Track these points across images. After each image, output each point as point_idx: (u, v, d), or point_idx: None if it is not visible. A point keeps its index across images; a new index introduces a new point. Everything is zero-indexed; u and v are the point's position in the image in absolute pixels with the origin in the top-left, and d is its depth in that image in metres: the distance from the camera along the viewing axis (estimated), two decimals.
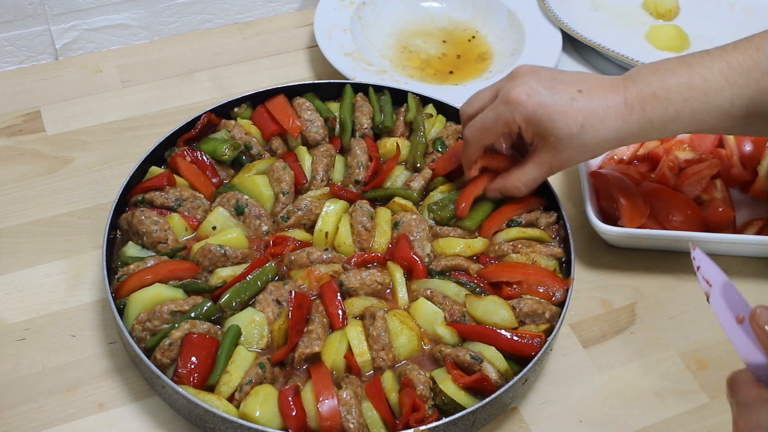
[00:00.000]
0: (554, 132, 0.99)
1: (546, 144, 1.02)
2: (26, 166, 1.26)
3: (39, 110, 1.34)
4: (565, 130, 0.98)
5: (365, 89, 1.28)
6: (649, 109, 0.98)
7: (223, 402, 0.94)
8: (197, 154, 1.18)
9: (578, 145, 0.99)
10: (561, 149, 1.01)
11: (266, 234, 1.12)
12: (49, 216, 1.20)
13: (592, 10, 1.54)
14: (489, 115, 1.03)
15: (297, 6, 1.55)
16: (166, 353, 0.97)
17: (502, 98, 1.01)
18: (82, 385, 1.03)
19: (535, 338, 1.00)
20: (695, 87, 0.97)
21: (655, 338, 1.12)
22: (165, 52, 1.45)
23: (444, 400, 0.97)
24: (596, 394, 1.06)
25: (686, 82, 0.97)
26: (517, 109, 0.99)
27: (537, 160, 1.05)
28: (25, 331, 1.08)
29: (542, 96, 0.98)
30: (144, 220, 1.08)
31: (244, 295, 1.04)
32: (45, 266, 1.14)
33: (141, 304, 1.00)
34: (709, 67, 0.97)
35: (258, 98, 1.25)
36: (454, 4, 1.55)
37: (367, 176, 1.19)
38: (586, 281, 1.17)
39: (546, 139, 1.01)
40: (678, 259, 1.20)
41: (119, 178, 1.22)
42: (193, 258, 1.08)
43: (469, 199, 1.12)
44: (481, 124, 1.04)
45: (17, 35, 1.37)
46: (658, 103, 0.97)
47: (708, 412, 1.05)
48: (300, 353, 0.99)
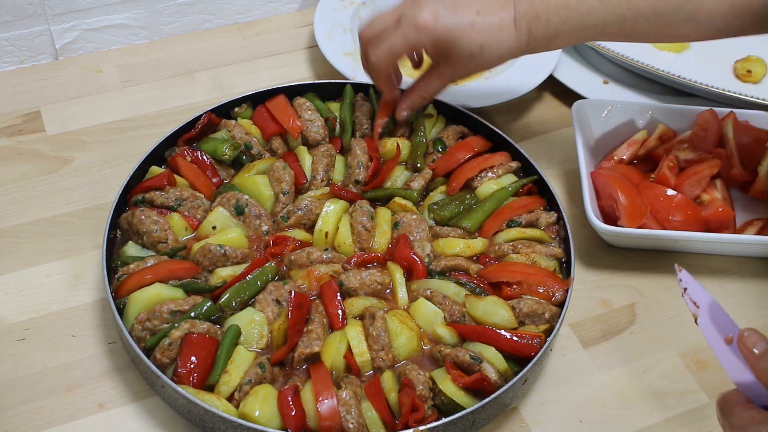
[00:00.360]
0: (457, 52, 1.07)
1: (448, 60, 1.10)
2: (26, 166, 1.26)
3: (39, 110, 1.34)
4: (467, 50, 1.07)
5: (365, 89, 1.28)
6: (533, 28, 1.07)
7: (223, 402, 0.94)
8: (197, 153, 1.18)
9: (477, 62, 1.09)
10: (462, 65, 1.10)
11: (266, 234, 1.12)
12: (49, 216, 1.20)
13: None
14: (397, 40, 1.09)
15: (297, 6, 1.55)
16: (165, 353, 0.97)
17: (410, 23, 1.07)
18: (82, 385, 1.03)
19: (534, 338, 1.00)
20: (571, 7, 1.05)
21: (655, 338, 1.12)
22: (165, 52, 1.45)
23: (443, 400, 0.97)
24: (596, 394, 1.06)
25: (563, 2, 1.05)
26: (424, 33, 1.07)
27: (439, 73, 1.13)
28: (25, 331, 1.08)
29: (447, 19, 1.06)
30: (144, 219, 1.08)
31: (243, 294, 1.04)
32: (45, 266, 1.14)
33: (141, 303, 1.00)
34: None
35: (258, 98, 1.25)
36: None
37: (367, 176, 1.19)
38: (586, 281, 1.17)
39: (448, 57, 1.09)
40: (678, 259, 1.20)
41: (119, 178, 1.22)
42: (193, 258, 1.08)
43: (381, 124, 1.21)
44: (389, 49, 1.10)
45: (17, 35, 1.37)
46: (540, 23, 1.06)
47: (708, 412, 1.05)
48: (300, 353, 0.99)
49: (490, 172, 1.19)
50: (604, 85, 1.42)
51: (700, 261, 1.20)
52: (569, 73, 1.43)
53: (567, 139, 1.36)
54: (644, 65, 1.37)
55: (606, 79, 1.43)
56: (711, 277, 1.18)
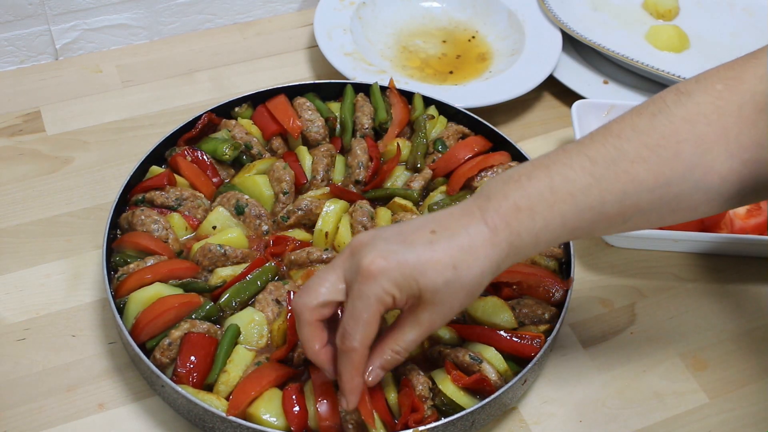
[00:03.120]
0: (428, 286, 0.81)
1: (421, 302, 0.83)
2: (26, 166, 1.26)
3: (39, 110, 1.34)
4: (438, 278, 0.81)
5: (366, 89, 1.28)
6: (515, 223, 0.82)
7: (222, 401, 0.94)
8: (198, 153, 1.18)
9: (456, 289, 0.82)
10: (439, 301, 0.83)
11: (266, 234, 1.12)
12: (49, 216, 1.20)
13: (592, 10, 1.54)
14: (357, 305, 0.82)
15: (297, 6, 1.55)
16: (165, 353, 0.97)
17: (360, 277, 0.81)
18: (82, 385, 1.03)
19: (534, 339, 1.00)
20: (558, 190, 0.82)
21: (655, 338, 1.12)
22: (165, 52, 1.45)
23: (443, 400, 0.97)
24: (596, 394, 1.06)
25: (547, 185, 0.82)
26: (382, 279, 0.81)
27: (414, 320, 0.85)
28: (25, 331, 1.08)
29: (398, 253, 0.81)
30: (144, 219, 1.08)
31: (243, 294, 1.04)
32: (45, 266, 1.14)
33: (140, 303, 1.00)
34: (568, 165, 0.83)
35: (259, 98, 1.25)
36: (454, 4, 1.55)
37: (367, 176, 1.19)
38: (586, 281, 1.17)
39: (420, 297, 0.83)
40: (678, 259, 1.20)
41: (119, 178, 1.22)
42: (193, 257, 1.08)
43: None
44: (358, 322, 0.82)
45: (17, 35, 1.37)
46: (523, 215, 0.82)
47: (708, 412, 1.05)
48: (299, 353, 0.99)
49: (490, 171, 1.19)
50: (604, 85, 1.42)
51: (700, 261, 1.20)
52: (569, 73, 1.43)
53: (567, 139, 1.36)
54: (644, 65, 1.37)
55: (606, 79, 1.43)
56: (711, 277, 1.18)
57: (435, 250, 0.81)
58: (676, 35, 1.49)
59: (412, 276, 0.81)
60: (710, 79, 0.86)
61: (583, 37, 1.41)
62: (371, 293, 0.81)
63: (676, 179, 0.84)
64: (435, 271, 0.81)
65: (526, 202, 0.82)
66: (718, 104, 0.84)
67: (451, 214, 0.84)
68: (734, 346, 1.11)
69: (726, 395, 1.06)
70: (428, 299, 0.83)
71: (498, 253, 0.83)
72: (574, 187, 0.83)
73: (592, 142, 0.85)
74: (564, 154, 0.85)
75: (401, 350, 0.87)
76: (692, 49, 1.49)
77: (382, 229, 0.86)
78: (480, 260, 0.82)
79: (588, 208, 0.83)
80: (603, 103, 1.29)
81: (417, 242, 0.82)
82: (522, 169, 0.85)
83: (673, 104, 0.85)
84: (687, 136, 0.83)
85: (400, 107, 1.26)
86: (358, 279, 0.82)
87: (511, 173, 0.85)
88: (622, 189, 0.83)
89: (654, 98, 0.87)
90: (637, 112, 0.86)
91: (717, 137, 0.84)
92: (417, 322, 0.85)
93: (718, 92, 0.85)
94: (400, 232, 0.83)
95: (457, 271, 0.81)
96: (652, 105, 0.86)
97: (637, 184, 0.83)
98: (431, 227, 0.83)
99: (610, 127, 0.86)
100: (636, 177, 0.83)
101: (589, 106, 1.28)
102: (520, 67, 1.40)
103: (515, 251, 0.84)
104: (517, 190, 0.83)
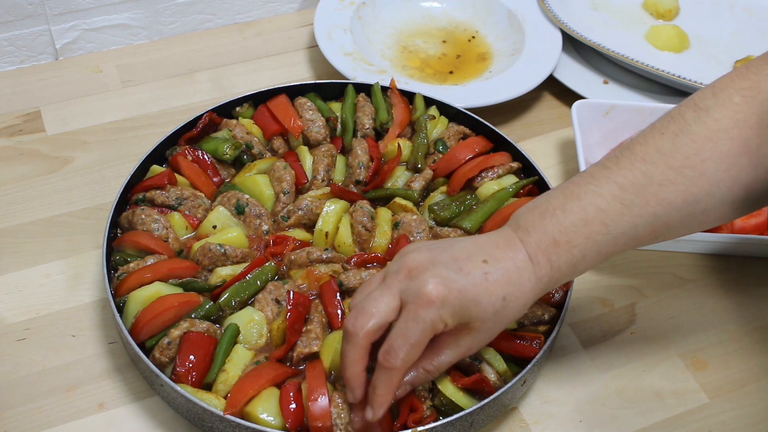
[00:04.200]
0: (480, 315, 0.85)
1: (468, 327, 0.87)
2: (26, 166, 1.26)
3: (39, 110, 1.34)
4: (490, 309, 0.85)
5: (367, 89, 1.28)
6: (554, 258, 0.86)
7: (221, 400, 0.94)
8: (198, 153, 1.18)
9: (501, 318, 0.87)
10: (483, 329, 0.87)
11: (266, 233, 1.12)
12: (49, 216, 1.20)
13: (592, 10, 1.54)
14: (410, 327, 0.84)
15: (297, 6, 1.55)
16: (164, 352, 0.97)
17: (420, 300, 0.83)
18: (82, 385, 1.03)
19: (534, 340, 1.00)
20: (592, 221, 0.86)
21: (655, 338, 1.12)
22: (165, 52, 1.45)
23: (443, 400, 0.96)
24: (596, 394, 1.06)
25: (581, 218, 0.86)
26: (442, 308, 0.83)
27: (453, 343, 0.88)
28: (25, 331, 1.08)
29: (459, 282, 0.84)
30: (145, 218, 1.08)
31: (243, 294, 1.04)
32: (45, 266, 1.14)
33: (140, 302, 1.00)
34: (599, 194, 0.86)
35: (260, 98, 1.26)
36: (454, 4, 1.55)
37: (367, 176, 1.19)
38: (586, 281, 1.17)
39: (468, 324, 0.86)
40: (678, 259, 1.20)
41: (119, 177, 1.22)
42: (193, 257, 1.08)
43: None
44: (407, 343, 0.84)
45: (17, 35, 1.37)
46: (561, 249, 0.86)
47: (708, 412, 1.05)
48: (298, 353, 0.99)
49: (491, 172, 1.19)
50: (604, 85, 1.42)
51: (701, 261, 1.20)
52: (569, 73, 1.43)
53: (567, 139, 1.36)
54: (644, 65, 1.37)
55: (606, 79, 1.43)
56: (711, 277, 1.18)
57: (489, 282, 0.85)
58: (676, 35, 1.49)
59: (468, 306, 0.84)
60: (726, 91, 0.87)
61: (583, 37, 1.41)
62: (428, 318, 0.83)
63: (703, 196, 0.86)
64: (489, 301, 0.85)
65: (564, 237, 0.86)
66: (738, 118, 0.86)
67: (497, 245, 0.87)
68: (734, 346, 1.11)
69: (726, 395, 1.06)
70: (475, 327, 0.86)
71: (539, 286, 0.87)
72: (607, 217, 0.86)
73: (619, 168, 0.87)
74: (593, 181, 0.87)
75: (434, 370, 0.89)
76: (692, 49, 1.49)
77: (434, 249, 0.87)
78: (526, 294, 0.87)
79: (621, 235, 0.87)
80: (603, 103, 1.29)
81: (473, 272, 0.85)
82: (554, 200, 0.88)
83: (694, 122, 0.87)
84: (710, 155, 0.85)
85: (401, 107, 1.26)
86: (417, 302, 0.83)
87: (542, 204, 0.89)
88: (652, 212, 0.86)
89: (673, 115, 0.89)
90: (659, 132, 0.88)
91: (740, 151, 0.86)
92: (457, 345, 0.88)
93: (736, 105, 0.86)
94: (454, 258, 0.86)
95: (505, 303, 0.86)
96: (673, 124, 0.88)
97: (666, 206, 0.86)
98: (482, 256, 0.86)
99: (634, 149, 0.88)
100: (665, 200, 0.86)
101: (589, 106, 1.28)
102: (520, 67, 1.40)
103: (554, 282, 0.89)
104: (554, 225, 0.86)
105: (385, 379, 0.86)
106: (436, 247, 0.88)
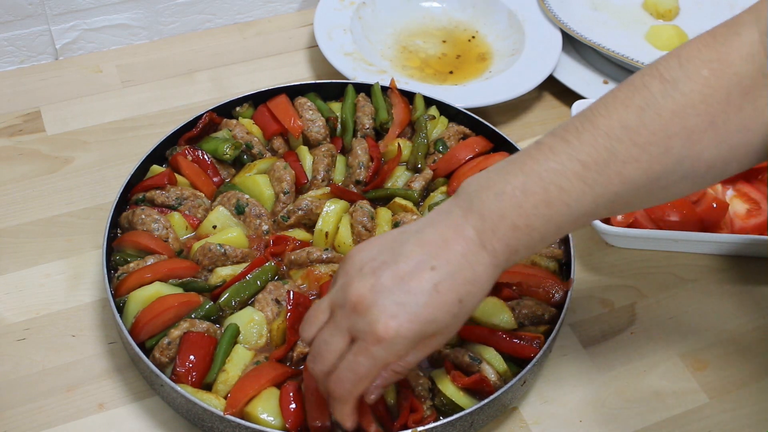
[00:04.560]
0: (439, 326, 0.81)
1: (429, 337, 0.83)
2: (26, 166, 1.26)
3: (39, 110, 1.34)
4: (447, 316, 0.80)
5: (367, 89, 1.28)
6: (513, 242, 0.81)
7: (221, 400, 0.94)
8: (198, 153, 1.18)
9: (462, 317, 0.82)
10: (445, 333, 0.83)
11: (266, 233, 1.12)
12: (49, 216, 1.20)
13: (592, 10, 1.54)
14: (362, 362, 0.80)
15: (297, 6, 1.55)
16: (164, 352, 0.97)
17: (370, 338, 0.79)
18: (82, 385, 1.03)
19: (534, 340, 1.00)
20: (554, 202, 0.80)
21: (655, 338, 1.12)
22: (165, 52, 1.45)
23: (443, 400, 0.97)
24: (596, 394, 1.06)
25: (543, 200, 0.80)
26: (395, 343, 0.79)
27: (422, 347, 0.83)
28: (25, 331, 1.08)
29: (408, 309, 0.79)
30: (145, 218, 1.08)
31: (243, 294, 1.04)
32: (45, 266, 1.14)
33: (140, 302, 1.00)
34: (561, 173, 0.80)
35: (260, 98, 1.26)
36: (454, 4, 1.55)
37: (367, 176, 1.19)
38: (586, 281, 1.17)
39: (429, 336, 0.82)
40: (678, 259, 1.20)
41: (119, 177, 1.22)
42: (193, 257, 1.08)
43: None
44: (356, 376, 0.81)
45: (17, 35, 1.37)
46: (521, 233, 0.81)
47: (708, 412, 1.05)
48: (298, 353, 0.99)
49: None
50: (604, 85, 1.42)
51: (700, 261, 1.20)
52: (569, 73, 1.43)
53: None
54: (644, 65, 1.36)
55: (606, 79, 1.43)
56: (711, 277, 1.18)
57: (441, 292, 0.79)
58: (676, 35, 1.49)
59: (423, 327, 0.80)
60: (693, 62, 0.82)
61: (583, 37, 1.41)
62: (379, 356, 0.80)
63: (665, 173, 0.83)
64: (444, 313, 0.80)
65: (524, 221, 0.80)
66: (706, 92, 0.82)
67: (445, 240, 0.81)
68: (734, 346, 1.11)
69: (726, 395, 1.06)
70: (438, 332, 0.82)
71: (497, 272, 0.82)
72: (570, 197, 0.81)
73: (581, 143, 0.81)
74: (553, 157, 0.81)
75: (402, 369, 0.84)
76: None
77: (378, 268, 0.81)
78: (483, 286, 0.82)
79: (582, 215, 0.82)
80: None
81: (422, 288, 0.79)
82: (513, 179, 0.82)
83: (660, 96, 0.82)
84: (677, 130, 0.82)
85: (401, 107, 1.26)
86: (367, 338, 0.79)
87: (501, 184, 0.82)
88: (614, 191, 0.82)
89: (636, 85, 0.83)
90: (622, 104, 0.83)
91: (705, 126, 0.82)
92: (424, 347, 0.83)
93: (704, 79, 0.82)
94: (399, 277, 0.80)
95: (462, 304, 0.81)
96: (638, 96, 0.83)
97: (629, 185, 0.82)
98: (430, 263, 0.80)
99: (596, 122, 0.82)
100: (628, 178, 0.81)
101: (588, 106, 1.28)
102: (520, 67, 1.40)
103: (511, 264, 0.83)
104: (513, 209, 0.80)
105: (337, 405, 0.84)
106: (381, 265, 0.81)
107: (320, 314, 0.84)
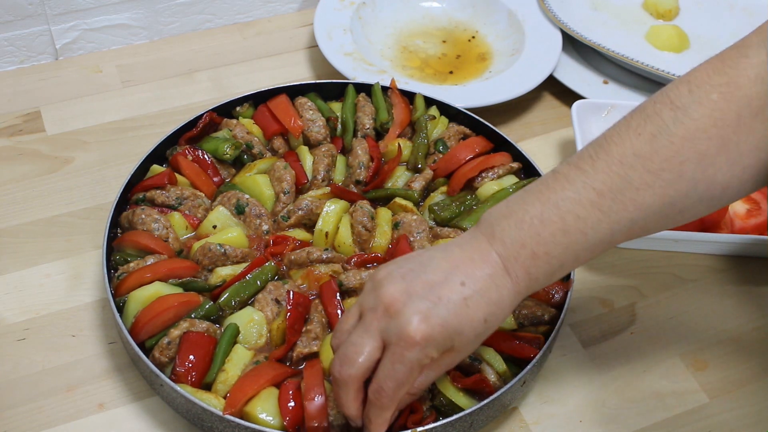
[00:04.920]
0: (462, 341, 0.84)
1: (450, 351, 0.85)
2: (26, 166, 1.26)
3: (39, 110, 1.34)
4: (472, 334, 0.84)
5: (367, 89, 1.28)
6: (533, 270, 0.84)
7: (220, 400, 0.94)
8: (199, 152, 1.18)
9: (482, 337, 0.86)
10: (465, 350, 0.86)
11: (266, 233, 1.12)
12: (49, 216, 1.20)
13: (592, 10, 1.54)
14: (397, 369, 0.83)
15: (297, 6, 1.55)
16: (164, 352, 0.97)
17: (402, 342, 0.82)
18: (82, 385, 1.03)
19: (534, 340, 1.00)
20: (571, 231, 0.84)
21: (655, 338, 1.12)
22: (165, 52, 1.45)
23: (442, 401, 0.96)
24: (596, 394, 1.06)
25: (560, 228, 0.83)
26: (426, 346, 0.82)
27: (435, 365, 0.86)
28: (25, 331, 1.08)
29: (439, 315, 0.82)
30: (145, 218, 1.08)
31: (243, 294, 1.04)
32: (45, 266, 1.14)
33: (140, 302, 1.00)
34: (577, 201, 0.83)
35: (260, 97, 1.26)
36: (454, 4, 1.55)
37: (368, 176, 1.19)
38: (586, 281, 1.17)
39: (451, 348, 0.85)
40: (678, 259, 1.20)
41: (119, 177, 1.22)
42: (193, 257, 1.08)
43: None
44: (395, 383, 0.84)
45: (17, 35, 1.37)
46: (540, 261, 0.84)
47: (708, 412, 1.05)
48: (298, 353, 0.99)
49: (491, 172, 1.19)
50: (604, 85, 1.42)
51: (700, 261, 1.20)
52: (569, 73, 1.43)
53: (567, 139, 1.36)
54: (644, 65, 1.37)
55: (606, 79, 1.43)
56: (711, 277, 1.18)
57: (470, 307, 0.83)
58: (676, 35, 1.49)
59: (451, 336, 0.83)
60: (703, 88, 0.84)
61: (583, 37, 1.41)
62: (414, 359, 0.82)
63: (680, 198, 0.84)
64: (471, 328, 0.83)
65: (543, 249, 0.84)
66: (716, 116, 0.83)
67: (472, 260, 0.84)
68: (734, 346, 1.11)
69: (726, 395, 1.06)
70: (457, 350, 0.85)
71: (518, 298, 0.86)
72: (586, 226, 0.83)
73: (596, 171, 0.84)
74: (569, 186, 0.84)
75: (417, 391, 0.88)
76: (692, 49, 1.49)
77: (408, 275, 0.84)
78: (505, 310, 0.85)
79: (599, 242, 0.85)
80: (603, 103, 1.29)
81: (452, 298, 0.82)
82: (531, 208, 0.85)
83: (672, 123, 0.84)
84: (689, 155, 0.83)
85: (402, 107, 1.26)
86: (400, 343, 0.82)
87: (520, 214, 0.85)
88: (629, 218, 0.84)
89: (648, 113, 0.85)
90: (635, 132, 0.85)
91: (717, 150, 0.84)
92: (438, 366, 0.86)
93: (714, 103, 0.83)
94: (430, 285, 0.83)
95: (487, 324, 0.84)
96: (650, 124, 0.85)
97: (644, 210, 0.84)
98: (459, 278, 0.83)
99: (609, 150, 0.85)
100: (642, 204, 0.84)
101: (589, 106, 1.28)
102: (520, 67, 1.40)
103: (531, 291, 0.87)
104: (533, 237, 0.84)
105: (377, 413, 0.86)
106: (409, 272, 0.84)
107: (350, 318, 0.87)
